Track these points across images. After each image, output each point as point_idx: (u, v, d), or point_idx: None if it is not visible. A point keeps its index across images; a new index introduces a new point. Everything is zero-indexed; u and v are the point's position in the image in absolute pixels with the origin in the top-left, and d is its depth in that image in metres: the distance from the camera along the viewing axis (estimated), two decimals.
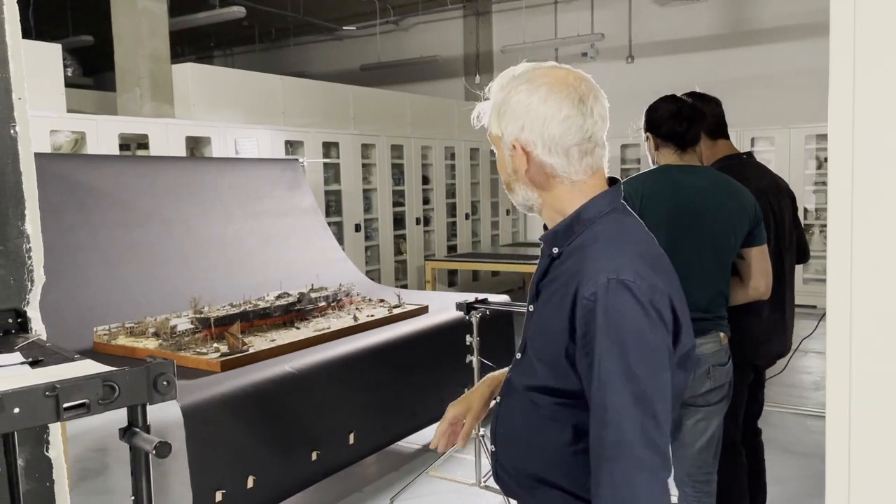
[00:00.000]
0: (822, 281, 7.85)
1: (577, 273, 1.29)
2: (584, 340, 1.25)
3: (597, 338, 1.22)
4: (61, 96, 5.49)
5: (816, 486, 3.68)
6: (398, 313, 3.93)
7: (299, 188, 5.29)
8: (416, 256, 8.82)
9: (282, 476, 2.91)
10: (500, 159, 1.44)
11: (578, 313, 1.25)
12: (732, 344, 2.42)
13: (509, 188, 1.44)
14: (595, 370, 1.22)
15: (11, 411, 0.97)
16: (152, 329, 3.33)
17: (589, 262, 1.29)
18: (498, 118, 1.40)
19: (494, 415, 1.51)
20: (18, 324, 1.62)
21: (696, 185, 2.37)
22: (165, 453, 1.05)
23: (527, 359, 1.43)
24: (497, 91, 1.42)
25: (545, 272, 1.42)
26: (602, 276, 1.24)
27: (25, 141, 1.68)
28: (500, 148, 1.42)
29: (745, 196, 2.40)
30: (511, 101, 1.37)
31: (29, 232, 1.68)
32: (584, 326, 1.24)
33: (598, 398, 1.21)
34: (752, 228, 2.39)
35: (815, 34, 8.48)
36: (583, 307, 1.24)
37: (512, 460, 1.46)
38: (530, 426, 1.40)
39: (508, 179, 1.43)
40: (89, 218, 3.84)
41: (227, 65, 12.94)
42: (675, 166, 2.43)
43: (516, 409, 1.44)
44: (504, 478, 1.49)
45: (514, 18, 10.53)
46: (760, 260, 2.44)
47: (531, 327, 1.43)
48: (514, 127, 1.36)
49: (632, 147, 9.36)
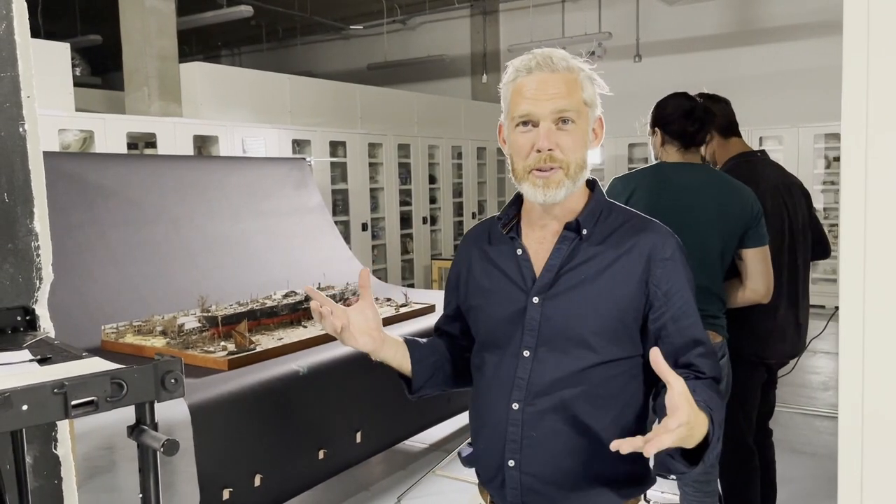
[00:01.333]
0: (831, 280, 7.83)
1: (638, 244, 1.42)
2: (666, 294, 1.40)
3: (684, 285, 1.41)
4: (70, 95, 5.50)
5: (826, 486, 3.67)
6: (405, 312, 3.92)
7: (306, 187, 5.29)
8: (423, 256, 8.82)
9: (289, 474, 2.91)
10: (581, 129, 1.40)
11: (658, 272, 1.40)
12: (746, 342, 2.40)
13: (584, 162, 1.42)
14: (686, 310, 1.41)
15: (20, 408, 0.97)
16: (160, 327, 3.34)
17: (647, 232, 1.44)
18: (592, 87, 1.42)
19: (515, 428, 1.42)
20: (27, 322, 1.62)
21: (686, 184, 2.35)
22: (174, 451, 1.05)
23: (554, 349, 1.40)
24: (577, 63, 1.42)
25: (569, 257, 1.42)
26: (670, 239, 1.44)
27: (34, 139, 1.68)
28: (586, 119, 1.41)
29: (741, 195, 2.35)
30: (597, 79, 1.44)
31: (37, 230, 1.68)
32: (669, 282, 1.40)
33: (692, 334, 1.40)
34: (747, 229, 2.34)
35: (824, 33, 8.45)
36: (663, 266, 1.41)
37: (557, 463, 1.41)
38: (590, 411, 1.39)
39: (586, 154, 1.42)
40: (97, 216, 3.85)
41: (234, 64, 12.96)
42: (669, 164, 2.41)
43: (558, 407, 1.40)
44: (538, 488, 1.42)
45: (522, 17, 10.52)
46: (758, 262, 2.38)
47: (560, 313, 1.40)
48: (599, 105, 1.44)
49: (639, 146, 9.34)
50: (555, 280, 1.42)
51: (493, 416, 1.47)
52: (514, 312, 1.44)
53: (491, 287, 1.51)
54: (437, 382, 1.61)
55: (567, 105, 1.37)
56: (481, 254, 1.55)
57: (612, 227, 1.45)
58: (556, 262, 1.43)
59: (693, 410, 1.15)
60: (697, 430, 1.19)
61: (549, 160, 1.37)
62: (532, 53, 1.41)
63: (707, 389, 1.33)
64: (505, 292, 1.47)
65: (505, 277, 1.48)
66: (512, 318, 1.44)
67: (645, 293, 1.41)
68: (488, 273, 1.52)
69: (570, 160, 1.38)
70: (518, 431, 1.42)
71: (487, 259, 1.53)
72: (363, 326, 1.47)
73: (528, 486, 1.43)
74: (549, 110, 1.37)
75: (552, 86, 1.37)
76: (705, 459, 1.25)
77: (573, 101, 1.38)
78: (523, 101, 1.39)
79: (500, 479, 1.46)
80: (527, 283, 1.44)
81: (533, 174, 1.39)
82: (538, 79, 1.38)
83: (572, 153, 1.38)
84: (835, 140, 8.39)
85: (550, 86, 1.37)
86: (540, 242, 1.48)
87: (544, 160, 1.37)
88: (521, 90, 1.40)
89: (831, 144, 8.46)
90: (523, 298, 1.44)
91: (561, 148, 1.37)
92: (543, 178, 1.38)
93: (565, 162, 1.38)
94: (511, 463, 1.43)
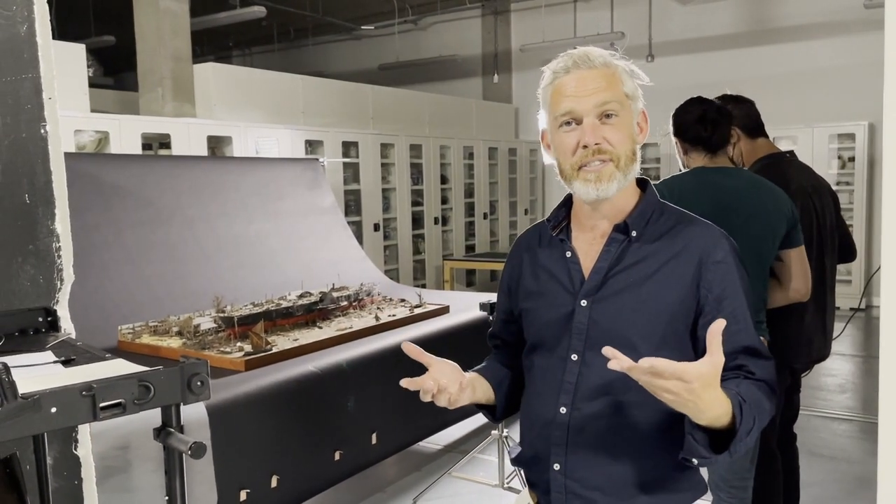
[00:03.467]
0: (846, 282, 7.77)
1: (689, 247, 1.39)
2: (717, 298, 1.36)
3: (737, 289, 1.37)
4: (85, 96, 5.53)
5: (844, 489, 3.64)
6: (420, 313, 3.92)
7: (320, 188, 5.29)
8: (435, 256, 8.82)
9: (305, 476, 2.91)
10: (626, 122, 1.39)
11: (709, 276, 1.37)
12: (773, 347, 2.37)
13: (634, 154, 1.39)
14: (738, 315, 1.35)
15: (49, 411, 0.97)
16: (176, 328, 3.34)
17: (699, 234, 1.41)
18: (631, 79, 1.41)
19: (561, 432, 1.41)
20: (48, 322, 1.62)
21: (733, 188, 2.33)
22: (201, 454, 1.04)
23: (602, 354, 1.38)
24: (614, 59, 1.41)
25: (618, 259, 1.40)
26: (723, 241, 1.40)
27: (55, 140, 1.68)
28: (629, 111, 1.40)
29: (781, 197, 2.36)
30: (637, 72, 1.42)
31: (59, 231, 1.68)
32: (721, 286, 1.37)
33: (743, 340, 1.35)
34: (789, 230, 2.35)
35: (838, 32, 8.39)
36: (715, 270, 1.37)
37: (602, 469, 1.39)
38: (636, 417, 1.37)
39: (634, 146, 1.40)
40: (113, 217, 3.87)
41: (246, 64, 12.99)
42: (710, 168, 2.39)
43: (605, 412, 1.38)
44: (582, 493, 1.40)
45: (533, 17, 10.49)
46: (799, 262, 2.39)
47: (608, 317, 1.38)
48: (640, 96, 1.42)
49: (651, 146, 9.31)
50: (603, 282, 1.40)
51: (540, 418, 1.46)
52: (562, 315, 1.43)
53: (540, 290, 1.49)
54: (515, 400, 1.60)
55: (609, 97, 1.35)
56: (531, 257, 1.54)
57: (663, 229, 1.42)
58: (604, 265, 1.41)
59: (705, 380, 1.13)
60: (709, 408, 1.17)
61: (598, 153, 1.36)
62: (568, 54, 1.40)
63: (753, 388, 1.30)
64: (553, 295, 1.45)
65: (554, 280, 1.47)
66: (560, 321, 1.43)
67: (696, 297, 1.37)
68: (537, 276, 1.51)
69: (619, 152, 1.36)
70: (564, 436, 1.41)
71: (537, 262, 1.52)
72: (453, 381, 1.43)
73: (573, 491, 1.41)
74: (591, 105, 1.35)
75: (592, 81, 1.36)
76: (732, 450, 1.22)
77: (615, 93, 1.36)
78: (564, 99, 1.37)
79: (545, 482, 1.45)
80: (575, 286, 1.42)
81: (583, 170, 1.37)
82: (577, 77, 1.37)
83: (621, 145, 1.37)
84: (849, 140, 8.34)
85: (590, 81, 1.36)
86: (590, 244, 1.45)
87: (593, 153, 1.36)
88: (562, 90, 1.38)
89: (845, 145, 8.40)
90: (571, 301, 1.42)
91: (609, 141, 1.36)
92: (595, 172, 1.36)
93: (615, 154, 1.36)
94: (556, 467, 1.42)
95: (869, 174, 8.26)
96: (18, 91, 1.60)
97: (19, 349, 1.35)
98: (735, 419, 1.21)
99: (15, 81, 1.60)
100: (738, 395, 1.24)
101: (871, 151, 8.25)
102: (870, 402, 4.87)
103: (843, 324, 3.56)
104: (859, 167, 8.30)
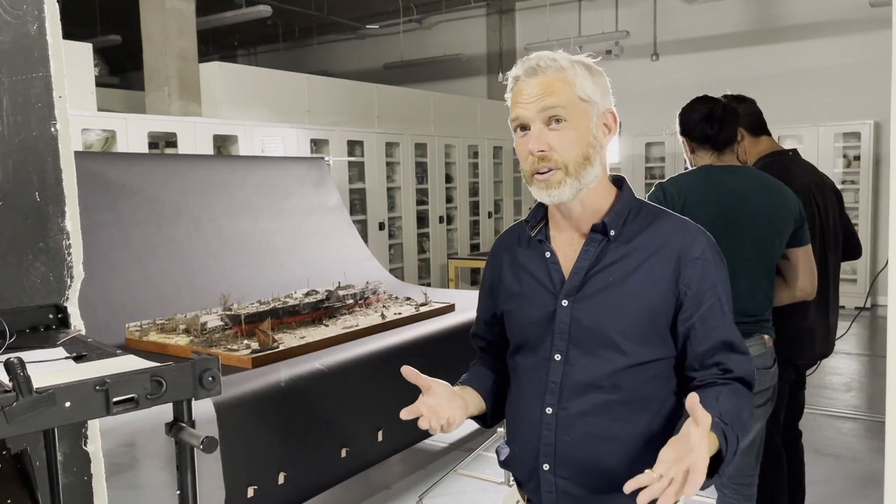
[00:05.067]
0: (851, 281, 7.76)
1: (667, 244, 1.40)
2: (696, 294, 1.38)
3: (715, 284, 1.40)
4: (92, 95, 5.55)
5: (848, 487, 3.64)
6: (425, 311, 3.93)
7: (325, 186, 5.30)
8: (439, 255, 8.82)
9: (312, 473, 2.92)
10: (576, 126, 1.37)
11: (688, 272, 1.39)
12: (775, 343, 2.37)
13: (586, 160, 1.37)
14: (715, 310, 1.39)
15: (63, 405, 0.98)
16: (183, 326, 3.36)
17: (677, 231, 1.43)
18: (592, 82, 1.39)
19: (549, 432, 1.42)
20: (59, 319, 1.64)
21: (740, 186, 2.33)
22: (213, 448, 1.06)
23: (585, 352, 1.40)
24: (574, 60, 1.40)
25: (597, 258, 1.41)
26: (701, 236, 1.42)
27: (65, 139, 1.70)
28: (584, 114, 1.38)
29: (788, 196, 2.35)
30: (601, 72, 1.42)
31: (69, 229, 1.69)
32: (699, 282, 1.39)
33: (721, 335, 1.39)
34: (796, 228, 2.34)
35: (843, 31, 8.37)
36: (693, 266, 1.39)
37: (591, 466, 1.40)
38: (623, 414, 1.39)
39: (588, 150, 1.38)
40: (120, 215, 3.88)
41: (251, 63, 13.01)
42: (717, 167, 2.39)
43: (591, 410, 1.39)
44: (573, 491, 1.41)
45: (538, 16, 10.49)
46: (806, 260, 2.39)
47: (589, 316, 1.39)
48: (608, 98, 1.42)
49: (656, 145, 9.30)
50: (583, 282, 1.41)
51: (526, 419, 1.46)
52: (544, 315, 1.43)
53: (521, 290, 1.50)
54: (504, 404, 1.61)
55: (554, 103, 1.35)
56: (511, 258, 1.54)
57: (640, 227, 1.43)
58: (584, 265, 1.42)
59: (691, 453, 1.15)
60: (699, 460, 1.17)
61: (542, 161, 1.36)
62: (524, 59, 1.41)
63: (732, 398, 1.33)
64: (534, 295, 1.46)
65: (534, 280, 1.47)
66: (542, 322, 1.44)
67: (675, 294, 1.39)
68: (518, 277, 1.51)
69: (565, 159, 1.36)
70: (552, 435, 1.42)
71: (517, 263, 1.52)
72: (446, 405, 1.45)
73: (563, 490, 1.42)
74: (535, 111, 1.36)
75: (538, 87, 1.36)
76: (720, 472, 1.26)
77: (562, 98, 1.35)
78: (515, 106, 1.40)
79: (535, 481, 1.46)
80: (556, 286, 1.43)
81: (535, 177, 1.39)
82: (526, 83, 1.38)
83: (567, 152, 1.36)
84: (854, 139, 8.32)
85: (536, 88, 1.36)
86: (568, 244, 1.46)
87: (538, 162, 1.37)
88: (515, 96, 1.41)
89: (850, 143, 8.38)
90: (553, 301, 1.43)
91: (553, 148, 1.36)
92: (544, 181, 1.37)
93: (560, 161, 1.36)
94: (546, 466, 1.43)
95: (874, 173, 8.24)
96: (29, 90, 1.62)
97: (31, 345, 1.37)
98: (721, 448, 1.25)
99: (26, 80, 1.61)
100: (720, 418, 1.26)
101: (876, 150, 8.24)
102: (875, 401, 4.87)
103: (849, 322, 3.57)
104: (865, 166, 8.28)
